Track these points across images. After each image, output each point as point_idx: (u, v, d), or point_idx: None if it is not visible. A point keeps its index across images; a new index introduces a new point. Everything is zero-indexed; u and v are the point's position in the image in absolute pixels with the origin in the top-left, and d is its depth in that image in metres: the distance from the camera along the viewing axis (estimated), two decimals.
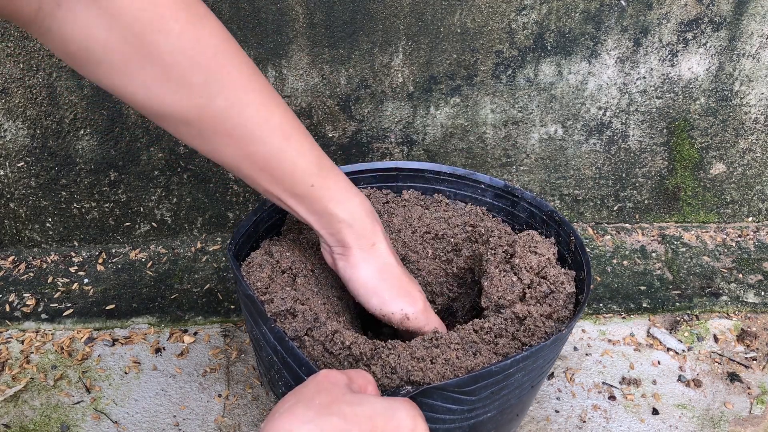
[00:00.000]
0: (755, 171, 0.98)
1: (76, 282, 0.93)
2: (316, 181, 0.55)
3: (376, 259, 0.58)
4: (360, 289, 0.59)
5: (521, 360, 0.52)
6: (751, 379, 0.81)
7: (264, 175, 0.53)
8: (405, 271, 0.61)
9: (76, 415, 0.76)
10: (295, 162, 0.53)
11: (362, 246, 0.58)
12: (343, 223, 0.56)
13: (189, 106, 0.48)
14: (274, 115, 0.51)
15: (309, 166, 0.54)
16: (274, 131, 0.52)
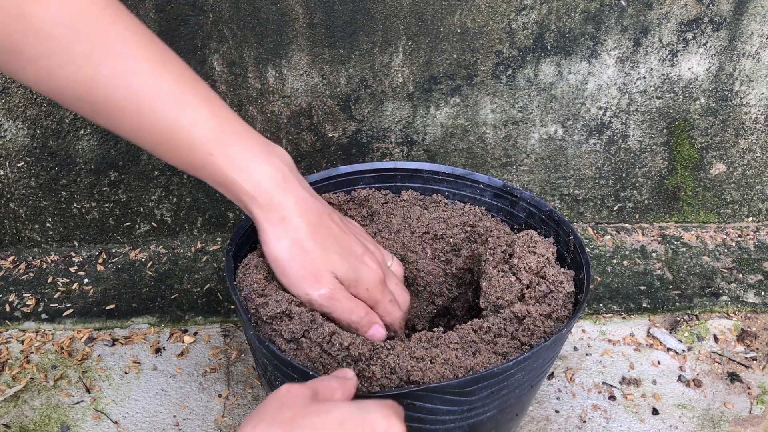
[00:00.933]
0: (755, 171, 0.98)
1: (76, 282, 0.93)
2: (216, 149, 0.51)
3: (285, 235, 0.53)
4: (273, 269, 0.55)
5: (523, 361, 0.52)
6: (751, 379, 0.81)
7: (164, 148, 0.50)
8: (322, 245, 0.54)
9: (76, 415, 0.76)
10: (191, 129, 0.50)
11: (270, 220, 0.53)
12: (246, 195, 0.52)
13: (77, 80, 0.46)
14: (163, 80, 0.49)
15: (207, 132, 0.50)
16: (165, 98, 0.49)
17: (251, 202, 0.52)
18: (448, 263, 0.70)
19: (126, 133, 0.50)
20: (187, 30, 0.83)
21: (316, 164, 0.94)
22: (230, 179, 0.52)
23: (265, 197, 0.53)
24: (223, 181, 0.52)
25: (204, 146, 0.50)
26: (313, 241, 0.54)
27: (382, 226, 0.70)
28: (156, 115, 0.49)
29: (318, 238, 0.54)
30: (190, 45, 0.84)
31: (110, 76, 0.47)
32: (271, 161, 0.53)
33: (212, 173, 0.52)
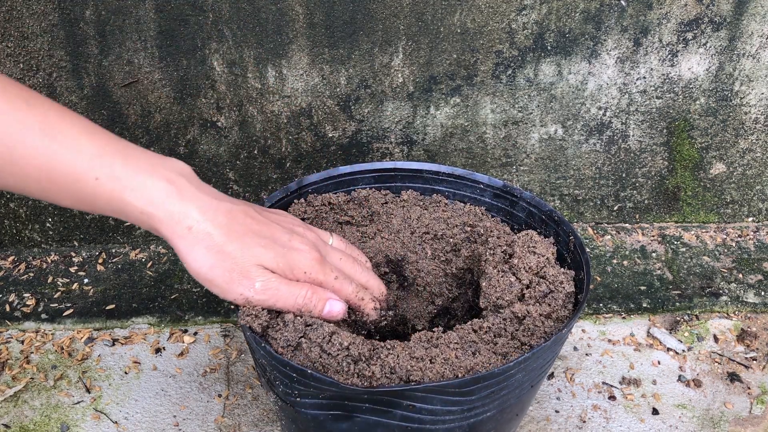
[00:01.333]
0: (755, 171, 0.98)
1: (76, 282, 0.93)
2: (101, 172, 0.48)
3: (197, 243, 0.51)
4: (201, 282, 0.52)
5: (523, 361, 0.52)
6: (751, 379, 0.81)
7: (50, 187, 0.47)
8: (241, 243, 0.52)
9: (76, 415, 0.76)
10: (71, 158, 0.47)
11: (178, 233, 0.50)
12: (144, 215, 0.49)
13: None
14: (28, 115, 0.46)
15: (88, 157, 0.48)
16: (35, 132, 0.46)
17: (151, 219, 0.50)
18: (448, 263, 0.70)
19: (8, 185, 0.47)
20: (187, 30, 0.83)
21: (316, 164, 0.94)
22: (124, 202, 0.49)
23: (164, 211, 0.50)
24: (119, 207, 0.49)
25: (88, 172, 0.48)
26: (229, 242, 0.51)
27: (382, 226, 0.70)
28: (30, 152, 0.46)
29: (234, 236, 0.52)
30: (190, 45, 0.84)
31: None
32: (162, 174, 0.50)
33: (105, 201, 0.49)
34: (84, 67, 0.85)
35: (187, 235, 0.50)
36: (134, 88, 0.87)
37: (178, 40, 0.83)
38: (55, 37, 0.83)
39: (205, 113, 0.89)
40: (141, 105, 0.88)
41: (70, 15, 0.81)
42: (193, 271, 0.52)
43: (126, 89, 0.87)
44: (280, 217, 0.59)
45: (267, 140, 0.92)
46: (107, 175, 0.48)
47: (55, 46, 0.83)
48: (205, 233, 0.51)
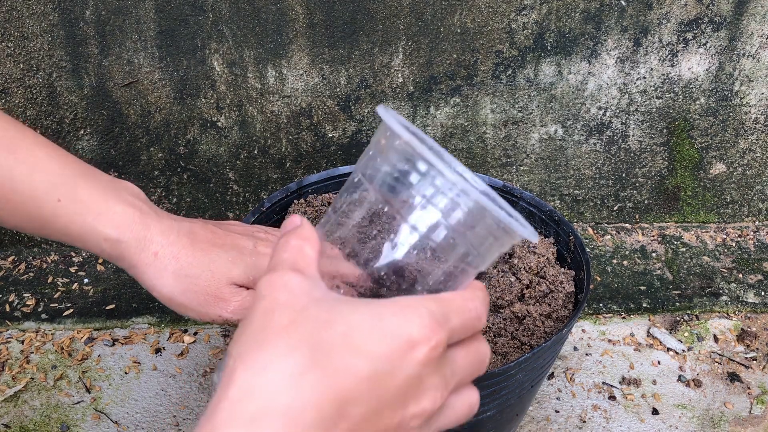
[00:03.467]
0: (755, 171, 0.97)
1: (76, 282, 0.93)
2: (63, 194, 0.46)
3: (165, 268, 0.49)
4: (174, 308, 0.51)
5: (523, 361, 0.52)
6: (751, 379, 0.81)
7: (8, 208, 0.45)
8: (207, 261, 0.50)
9: (76, 415, 0.76)
10: (30, 176, 0.45)
11: (145, 261, 0.48)
12: (109, 241, 0.47)
13: None
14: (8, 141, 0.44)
15: (49, 176, 0.45)
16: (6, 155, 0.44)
17: (118, 246, 0.47)
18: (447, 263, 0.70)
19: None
20: (187, 30, 0.83)
21: (316, 164, 0.94)
22: (88, 226, 0.46)
23: (131, 237, 0.48)
24: (80, 231, 0.47)
25: (49, 193, 0.45)
26: (196, 263, 0.49)
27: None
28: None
29: (199, 255, 0.50)
30: (190, 45, 0.84)
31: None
32: (124, 198, 0.48)
33: (65, 224, 0.46)
34: (84, 67, 0.85)
35: (154, 262, 0.48)
36: (134, 88, 0.87)
37: (178, 40, 0.83)
38: (55, 37, 0.83)
39: (205, 113, 0.89)
40: (141, 105, 0.88)
41: (70, 15, 0.81)
42: (164, 298, 0.50)
43: (126, 89, 0.87)
44: (238, 227, 0.57)
45: (267, 140, 0.92)
46: (70, 198, 0.46)
47: (55, 46, 0.83)
48: (171, 257, 0.49)
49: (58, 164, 0.46)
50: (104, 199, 0.47)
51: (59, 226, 0.46)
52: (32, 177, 0.45)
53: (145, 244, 0.48)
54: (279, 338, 0.28)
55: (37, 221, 0.46)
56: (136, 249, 0.48)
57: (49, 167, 0.46)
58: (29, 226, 0.47)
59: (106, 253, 0.48)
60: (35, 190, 0.45)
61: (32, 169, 0.45)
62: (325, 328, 0.29)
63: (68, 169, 0.47)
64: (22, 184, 0.45)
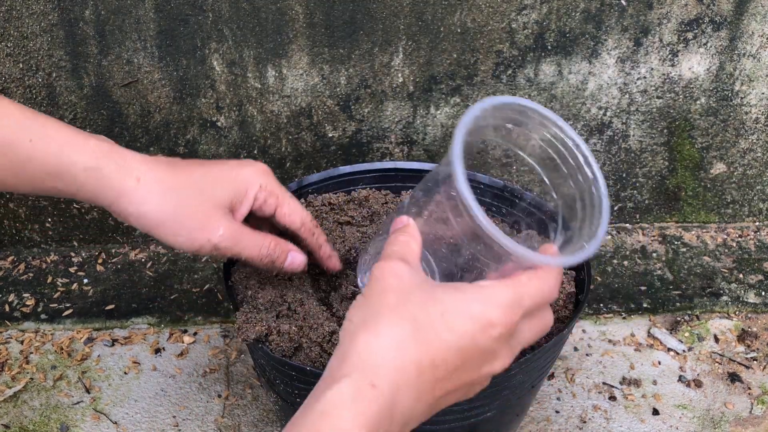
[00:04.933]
0: (756, 171, 0.97)
1: (76, 282, 0.93)
2: (34, 133, 0.47)
3: (151, 193, 0.49)
4: (158, 234, 0.50)
5: (524, 362, 0.52)
6: (752, 379, 0.81)
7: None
8: (192, 183, 0.50)
9: (76, 416, 0.76)
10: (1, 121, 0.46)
11: (129, 186, 0.48)
12: (88, 171, 0.47)
13: None
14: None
15: (15, 121, 0.47)
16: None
17: (97, 175, 0.47)
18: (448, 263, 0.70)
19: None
20: (187, 30, 0.83)
21: (316, 164, 0.94)
22: (64, 158, 0.47)
23: (109, 165, 0.48)
24: (56, 166, 0.47)
25: (20, 136, 0.46)
26: (181, 184, 0.49)
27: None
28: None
29: (183, 177, 0.50)
30: (190, 45, 0.83)
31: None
32: (94, 136, 0.50)
33: (41, 163, 0.47)
34: (84, 67, 0.85)
35: (138, 188, 0.48)
36: (134, 87, 0.87)
37: (178, 40, 0.83)
38: (54, 37, 0.83)
39: (204, 113, 0.89)
40: (141, 105, 0.88)
41: (70, 15, 0.81)
42: (153, 223, 0.49)
43: (126, 89, 0.87)
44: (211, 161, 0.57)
45: (267, 140, 0.92)
46: (41, 136, 0.47)
47: (54, 46, 0.83)
48: (155, 181, 0.49)
49: (20, 111, 0.47)
50: (75, 135, 0.48)
51: (35, 167, 0.47)
52: (5, 125, 0.46)
53: (126, 171, 0.48)
54: (391, 313, 0.38)
55: (12, 168, 0.47)
56: (117, 176, 0.48)
57: (12, 113, 0.47)
58: (11, 176, 0.47)
59: (85, 188, 0.48)
60: (9, 135, 0.46)
61: (3, 118, 0.46)
62: (424, 307, 0.38)
63: (31, 114, 0.47)
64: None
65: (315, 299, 0.59)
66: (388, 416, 0.36)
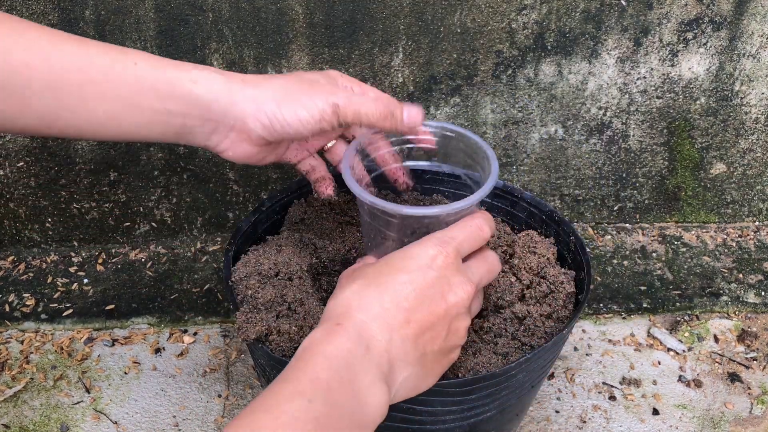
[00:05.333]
0: (756, 171, 0.97)
1: (76, 282, 0.93)
2: (137, 57, 0.49)
3: (257, 85, 0.51)
4: (277, 117, 0.51)
5: (524, 362, 0.52)
6: (752, 379, 0.81)
7: (86, 89, 0.48)
8: (296, 77, 0.53)
9: (76, 415, 0.76)
10: (101, 55, 0.48)
11: (237, 89, 0.50)
12: (200, 82, 0.49)
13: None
14: (56, 32, 0.48)
15: (117, 51, 0.49)
16: (67, 41, 0.48)
17: (204, 85, 0.50)
18: None
19: (48, 107, 0.48)
20: (187, 30, 0.83)
21: None
22: (172, 74, 0.49)
23: (214, 71, 0.51)
24: (168, 83, 0.49)
25: (125, 58, 0.49)
26: (281, 77, 0.52)
27: None
28: (68, 61, 0.47)
29: (277, 76, 0.53)
30: (190, 45, 0.83)
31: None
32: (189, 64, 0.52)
33: (152, 83, 0.49)
34: None
35: (245, 86, 0.50)
36: None
37: (178, 40, 0.83)
38: None
39: None
40: None
41: (70, 15, 0.81)
42: (272, 100, 0.50)
43: None
44: None
45: None
46: (145, 58, 0.49)
47: None
48: (257, 78, 0.51)
49: (121, 48, 0.50)
50: (169, 59, 0.50)
51: (146, 86, 0.49)
52: (106, 54, 0.48)
53: (231, 75, 0.50)
54: (349, 279, 0.47)
55: (124, 92, 0.48)
56: (226, 78, 0.50)
57: (112, 46, 0.49)
58: (120, 103, 0.49)
59: (197, 103, 0.50)
60: (113, 61, 0.48)
61: (104, 49, 0.49)
62: (375, 268, 0.47)
63: (119, 47, 0.50)
64: (101, 63, 0.48)
65: (315, 299, 0.59)
66: (361, 346, 0.42)
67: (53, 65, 0.47)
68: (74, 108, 0.48)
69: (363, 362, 0.41)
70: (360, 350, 0.41)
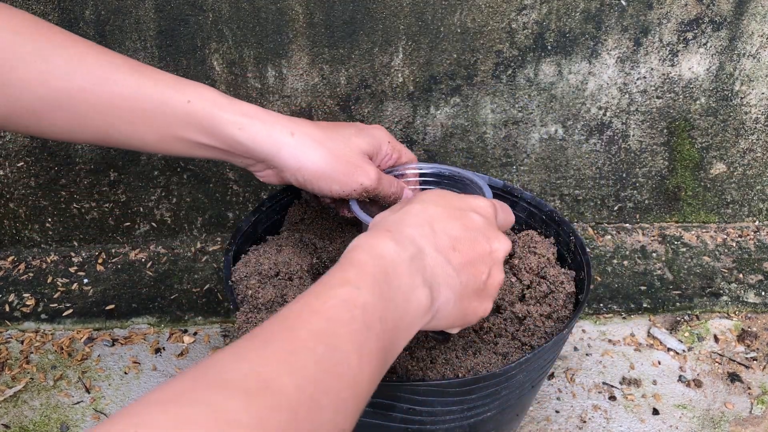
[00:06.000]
0: (756, 171, 0.97)
1: (76, 282, 0.93)
2: (191, 95, 0.52)
3: (305, 146, 0.55)
4: (317, 183, 0.56)
5: (524, 362, 0.52)
6: (752, 379, 0.81)
7: (138, 116, 0.51)
8: (337, 134, 0.57)
9: (76, 415, 0.76)
10: (156, 88, 0.51)
11: (285, 140, 0.54)
12: (246, 127, 0.53)
13: None
14: (111, 55, 0.51)
15: (172, 85, 0.52)
16: (121, 68, 0.51)
17: (249, 130, 0.53)
18: None
19: (96, 126, 0.51)
20: (187, 30, 0.83)
21: None
22: (218, 118, 0.52)
23: (262, 119, 0.53)
24: (211, 124, 0.52)
25: (178, 96, 0.51)
26: (329, 137, 0.56)
27: None
28: (122, 89, 0.50)
29: (329, 131, 0.56)
30: (189, 45, 0.83)
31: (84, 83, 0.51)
32: (238, 101, 0.55)
33: (197, 121, 0.52)
34: None
35: (293, 141, 0.54)
36: None
37: (178, 40, 0.83)
38: None
39: None
40: None
41: (70, 15, 0.81)
42: (310, 171, 0.55)
43: None
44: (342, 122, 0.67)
45: None
46: (198, 97, 0.52)
47: None
48: (306, 134, 0.55)
49: (175, 78, 0.52)
50: (224, 96, 0.53)
51: (193, 125, 0.52)
52: (161, 89, 0.51)
53: (279, 127, 0.54)
54: (410, 202, 0.48)
55: (171, 126, 0.52)
56: (273, 131, 0.53)
57: (164, 76, 0.52)
58: (165, 137, 0.52)
59: (240, 144, 0.53)
60: (165, 97, 0.51)
61: (160, 84, 0.51)
62: (432, 198, 0.48)
63: (185, 82, 0.53)
64: (154, 96, 0.51)
65: None
66: (407, 252, 0.42)
67: (106, 91, 0.50)
68: (124, 130, 0.52)
69: (410, 265, 0.42)
70: (406, 255, 0.42)
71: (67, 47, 0.49)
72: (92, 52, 0.50)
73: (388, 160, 0.62)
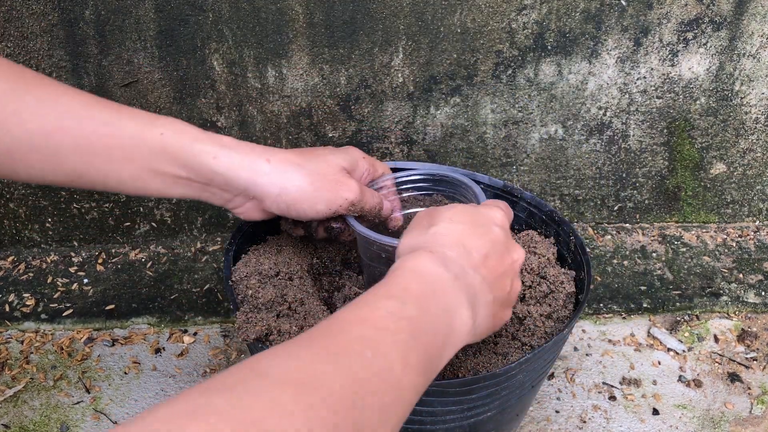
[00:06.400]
0: (756, 171, 0.97)
1: (76, 282, 0.93)
2: (164, 129, 0.52)
3: (286, 171, 0.55)
4: (302, 206, 0.55)
5: (525, 362, 0.52)
6: (752, 379, 0.81)
7: (114, 155, 0.51)
8: (313, 156, 0.57)
9: (76, 415, 0.76)
10: (131, 124, 0.51)
11: (263, 168, 0.54)
12: (222, 157, 0.52)
13: None
14: (89, 96, 0.51)
15: (147, 121, 0.52)
16: (102, 110, 0.51)
17: (230, 157, 0.53)
18: None
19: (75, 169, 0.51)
20: (187, 30, 0.83)
21: None
22: (196, 149, 0.52)
23: (238, 151, 0.53)
24: (188, 156, 0.52)
25: (151, 130, 0.51)
26: (306, 159, 0.56)
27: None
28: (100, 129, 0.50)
29: (305, 154, 0.57)
30: (190, 45, 0.83)
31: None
32: (215, 135, 0.55)
33: (172, 155, 0.52)
34: (84, 67, 0.85)
35: (271, 168, 0.54)
36: (134, 87, 0.87)
37: (178, 40, 0.83)
38: (54, 37, 0.83)
39: (204, 113, 0.89)
40: (141, 105, 0.88)
41: (70, 15, 0.81)
42: (291, 198, 0.54)
43: (126, 89, 0.87)
44: None
45: (267, 140, 0.92)
46: (172, 130, 0.51)
47: (54, 46, 0.83)
48: (283, 159, 0.54)
49: (150, 115, 0.52)
50: (194, 128, 0.53)
51: (168, 158, 0.52)
52: (135, 125, 0.51)
53: (255, 155, 0.53)
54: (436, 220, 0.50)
55: (145, 160, 0.51)
56: (249, 159, 0.53)
57: (141, 113, 0.52)
58: (140, 171, 0.52)
59: (218, 176, 0.52)
60: (141, 132, 0.51)
61: (134, 120, 0.51)
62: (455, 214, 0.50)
63: (157, 117, 0.52)
64: (130, 133, 0.51)
65: (316, 299, 0.59)
66: (451, 272, 0.44)
67: (83, 127, 0.50)
68: (100, 167, 0.51)
69: (453, 285, 0.44)
70: (450, 275, 0.44)
71: (41, 86, 0.49)
72: (66, 92, 0.50)
73: (367, 175, 0.63)
